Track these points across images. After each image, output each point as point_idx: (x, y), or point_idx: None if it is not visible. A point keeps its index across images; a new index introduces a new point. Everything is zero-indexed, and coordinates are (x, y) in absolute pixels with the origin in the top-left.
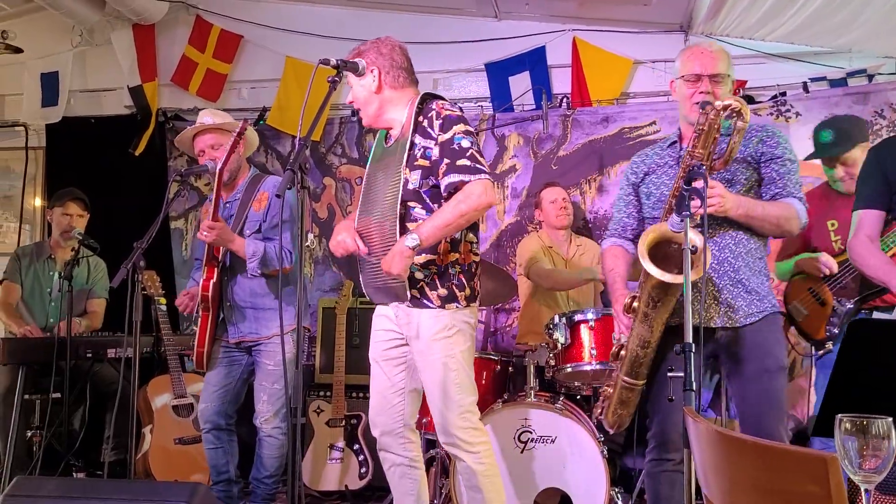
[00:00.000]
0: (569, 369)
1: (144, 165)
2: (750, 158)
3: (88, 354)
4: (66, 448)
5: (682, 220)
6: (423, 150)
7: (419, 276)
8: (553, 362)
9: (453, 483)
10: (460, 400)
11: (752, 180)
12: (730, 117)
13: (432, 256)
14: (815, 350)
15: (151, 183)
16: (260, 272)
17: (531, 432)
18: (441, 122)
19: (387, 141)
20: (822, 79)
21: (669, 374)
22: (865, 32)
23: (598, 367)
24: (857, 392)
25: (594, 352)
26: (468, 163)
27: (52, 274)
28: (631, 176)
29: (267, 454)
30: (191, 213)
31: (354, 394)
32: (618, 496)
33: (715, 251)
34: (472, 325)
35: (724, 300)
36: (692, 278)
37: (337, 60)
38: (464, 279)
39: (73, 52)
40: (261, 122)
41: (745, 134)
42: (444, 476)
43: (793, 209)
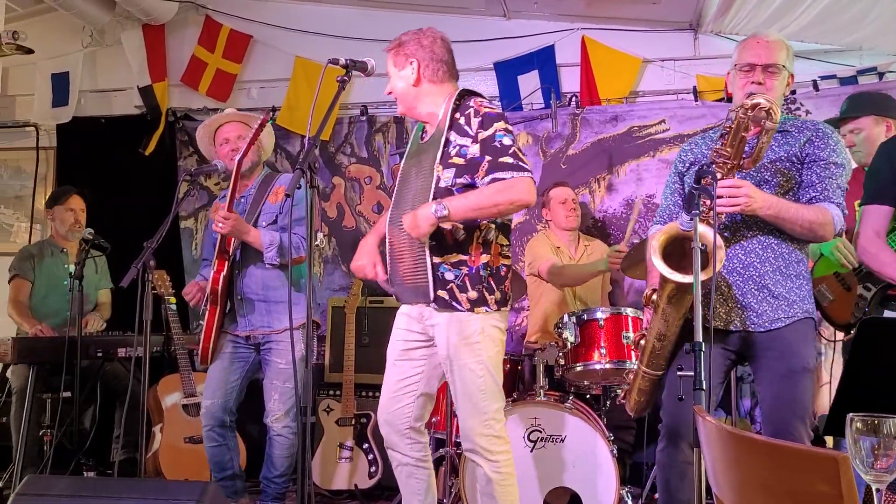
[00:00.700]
0: (578, 368)
1: (154, 165)
2: (795, 158)
3: (99, 354)
4: (77, 447)
5: (691, 219)
6: (458, 147)
7: (449, 276)
8: (562, 361)
9: (463, 482)
10: (485, 407)
11: (793, 182)
12: (756, 117)
13: (463, 257)
14: (842, 335)
15: (161, 183)
16: (278, 262)
17: (541, 431)
18: (480, 119)
19: (423, 137)
20: (832, 77)
21: (679, 373)
22: (875, 30)
23: (607, 366)
24: (869, 391)
25: (603, 351)
26: (511, 160)
27: (67, 267)
28: (679, 164)
29: (277, 453)
30: (201, 212)
31: (364, 393)
32: (627, 496)
33: (741, 255)
34: (502, 329)
35: (746, 304)
36: (703, 277)
37: (346, 60)
38: (493, 283)
39: (83, 52)
40: (270, 122)
41: (797, 131)
42: (453, 475)
43: (828, 215)
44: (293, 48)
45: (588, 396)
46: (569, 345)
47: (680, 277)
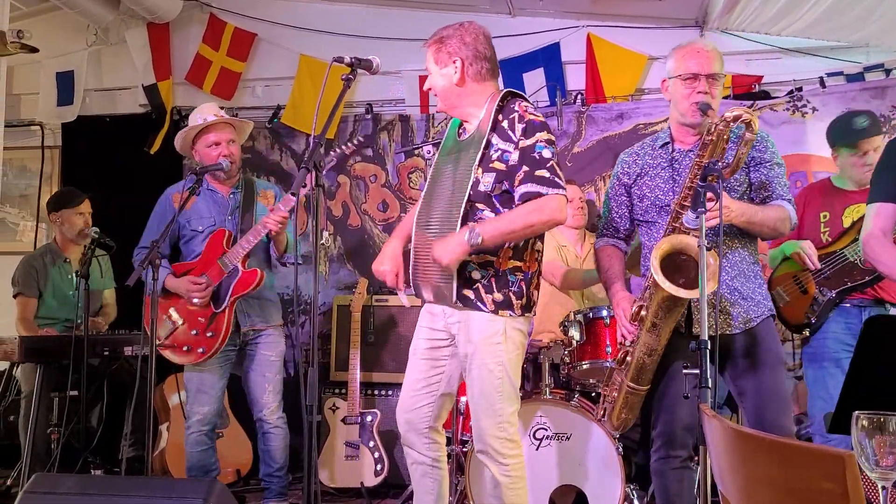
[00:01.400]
0: (585, 366)
1: (159, 164)
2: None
3: (105, 352)
4: (84, 445)
5: (697, 217)
6: (500, 152)
7: (476, 276)
8: (568, 359)
9: (468, 480)
10: (501, 409)
11: (745, 185)
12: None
13: (491, 258)
14: (792, 335)
15: (166, 182)
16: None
17: (546, 429)
18: (524, 126)
19: (460, 134)
20: (839, 73)
21: (685, 370)
22: (882, 27)
23: (614, 364)
24: (875, 389)
25: (609, 349)
26: (547, 174)
27: (71, 277)
28: (623, 176)
29: (276, 446)
30: None
31: (370, 391)
32: (633, 493)
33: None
34: (525, 333)
35: (721, 308)
36: (710, 289)
37: (351, 58)
38: (524, 287)
39: (88, 51)
40: (275, 121)
41: (735, 137)
42: (459, 473)
43: (785, 210)
44: (298, 46)
45: (593, 394)
46: (574, 343)
47: (687, 294)
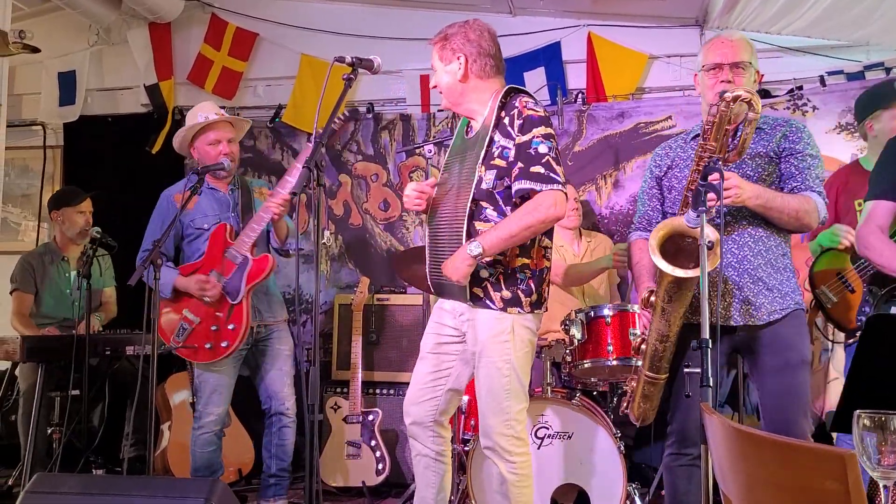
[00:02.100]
0: (586, 365)
1: (160, 164)
2: (772, 153)
3: (107, 352)
4: (86, 445)
5: (698, 216)
6: (501, 149)
7: (484, 274)
8: (570, 358)
9: (470, 479)
10: (508, 407)
11: (773, 176)
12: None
13: (499, 256)
14: (845, 338)
15: (168, 181)
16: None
17: (548, 428)
18: (521, 122)
19: (467, 132)
20: (840, 72)
21: (686, 370)
22: (882, 26)
23: (615, 362)
24: (877, 387)
25: (611, 347)
26: (542, 170)
27: (69, 275)
28: (655, 169)
29: (290, 441)
30: None
31: (371, 390)
32: (635, 492)
33: (734, 249)
34: (533, 331)
35: (744, 298)
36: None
37: (352, 58)
38: (533, 284)
39: (89, 51)
40: (276, 120)
41: (770, 128)
42: (460, 472)
43: (812, 202)
44: (299, 46)
45: (595, 393)
46: (576, 342)
47: (682, 273)
